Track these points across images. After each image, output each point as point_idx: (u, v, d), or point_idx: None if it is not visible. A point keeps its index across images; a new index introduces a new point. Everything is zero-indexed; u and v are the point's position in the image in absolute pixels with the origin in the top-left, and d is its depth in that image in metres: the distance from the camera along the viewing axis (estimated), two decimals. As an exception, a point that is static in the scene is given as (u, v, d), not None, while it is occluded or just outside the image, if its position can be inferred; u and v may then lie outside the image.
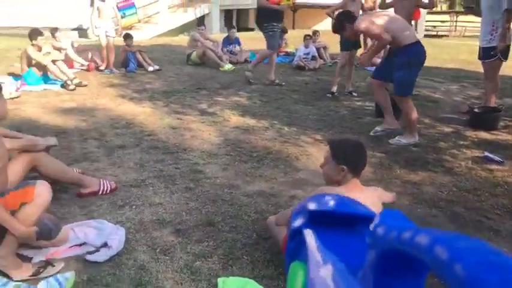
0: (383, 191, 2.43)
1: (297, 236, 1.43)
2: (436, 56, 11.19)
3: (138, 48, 8.33)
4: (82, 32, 14.43)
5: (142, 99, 6.15)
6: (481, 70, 5.80)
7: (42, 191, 2.26)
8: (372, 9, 7.71)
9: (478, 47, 5.60)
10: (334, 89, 6.63)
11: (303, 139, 4.70)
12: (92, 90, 6.58)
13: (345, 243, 1.28)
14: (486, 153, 4.27)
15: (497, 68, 5.40)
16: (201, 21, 17.72)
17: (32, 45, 6.63)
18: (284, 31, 10.77)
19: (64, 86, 6.60)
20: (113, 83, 7.15)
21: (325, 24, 16.43)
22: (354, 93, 6.73)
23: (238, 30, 16.42)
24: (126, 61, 8.08)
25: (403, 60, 4.35)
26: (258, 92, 6.76)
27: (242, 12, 20.92)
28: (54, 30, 8.02)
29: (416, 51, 4.39)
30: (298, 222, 1.47)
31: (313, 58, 9.09)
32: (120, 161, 3.94)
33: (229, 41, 9.57)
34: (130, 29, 13.70)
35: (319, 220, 1.38)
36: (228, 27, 11.35)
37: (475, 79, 7.91)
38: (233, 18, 20.85)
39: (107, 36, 7.82)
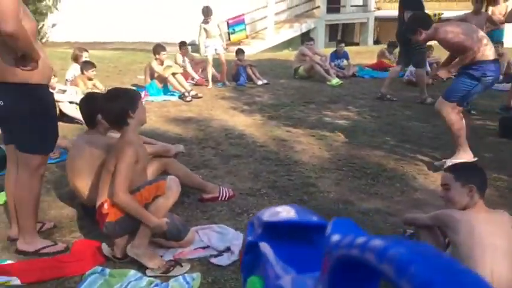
0: (509, 216, 2.27)
1: (252, 249, 1.38)
2: None
3: (249, 63, 8.62)
4: (195, 47, 15.31)
5: (253, 112, 6.34)
6: None
7: (172, 185, 2.45)
8: (502, 23, 7.20)
9: None
10: None
11: (419, 157, 4.50)
12: (207, 102, 6.93)
13: (300, 253, 1.23)
14: None
15: None
16: (306, 36, 18.00)
17: (156, 59, 7.18)
18: (395, 46, 10.51)
19: (182, 97, 7.04)
20: (225, 95, 7.47)
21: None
22: (472, 112, 6.31)
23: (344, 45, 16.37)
24: (237, 75, 8.41)
25: (474, 73, 3.99)
26: (367, 107, 6.63)
27: (347, 27, 20.77)
28: (182, 44, 8.61)
29: (493, 69, 4.01)
30: (252, 235, 1.42)
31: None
32: (236, 170, 4.09)
33: (337, 55, 9.54)
34: (239, 44, 14.24)
35: (273, 231, 1.33)
36: (336, 41, 11.30)
37: None
38: (338, 33, 20.78)
39: (217, 53, 8.17)
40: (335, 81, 8.46)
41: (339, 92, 7.71)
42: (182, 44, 8.67)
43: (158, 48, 7.18)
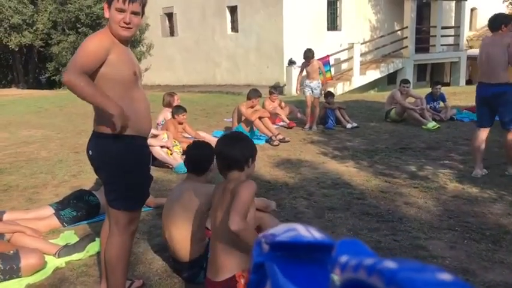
0: None
1: (259, 269, 1.16)
2: None
3: (338, 105, 8.32)
4: (279, 89, 15.39)
5: (345, 158, 5.97)
6: None
7: None
8: None
9: None
10: None
11: (547, 217, 3.85)
12: (295, 146, 6.68)
13: (307, 273, 1.13)
14: None
15: None
16: (393, 77, 17.43)
17: (246, 102, 7.12)
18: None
19: (269, 141, 6.87)
20: (313, 139, 7.19)
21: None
22: None
23: (431, 85, 15.56)
24: (326, 118, 8.12)
25: None
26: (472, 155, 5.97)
27: (436, 67, 19.86)
28: (273, 88, 8.60)
29: None
30: (259, 255, 1.22)
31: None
32: (332, 225, 3.74)
33: (432, 97, 8.93)
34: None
35: (280, 251, 1.10)
36: (431, 82, 10.70)
37: None
38: (427, 73, 19.93)
39: (314, 96, 7.97)
40: (431, 124, 7.87)
41: (437, 137, 7.11)
42: (274, 89, 8.60)
43: (253, 93, 7.14)
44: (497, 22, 5.03)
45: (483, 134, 5.11)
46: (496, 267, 3.02)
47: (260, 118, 7.07)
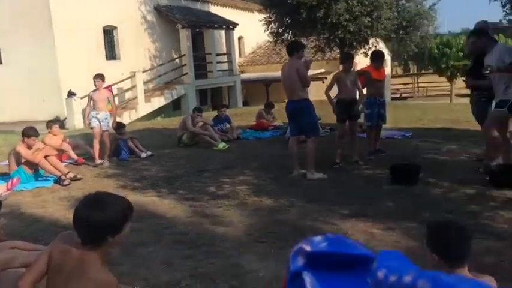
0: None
1: (296, 278, 1.36)
2: (419, 117, 11.45)
3: (129, 135, 8.08)
4: (59, 123, 14.15)
5: (146, 188, 5.80)
6: (471, 127, 5.86)
7: None
8: None
9: (453, 106, 5.73)
10: (338, 159, 6.49)
11: (331, 216, 4.42)
12: (89, 184, 6.19)
13: (344, 285, 1.22)
14: (527, 213, 4.09)
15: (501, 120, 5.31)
16: (178, 102, 17.94)
17: (23, 142, 6.29)
18: (271, 106, 10.89)
19: (58, 181, 6.21)
20: (108, 173, 6.80)
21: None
22: (359, 162, 6.59)
23: (214, 108, 16.58)
24: (118, 150, 7.78)
25: None
26: (262, 169, 6.52)
27: (216, 90, 21.27)
28: (52, 123, 7.68)
29: None
30: (297, 264, 1.43)
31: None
32: (145, 261, 3.55)
33: (219, 119, 9.48)
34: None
35: (318, 262, 1.33)
36: (218, 106, 11.35)
37: (470, 137, 7.96)
38: (208, 97, 21.13)
39: (102, 129, 7.43)
40: (222, 145, 8.33)
41: (230, 157, 7.54)
42: (52, 123, 7.76)
43: (29, 131, 6.28)
44: (291, 49, 6.02)
45: (294, 141, 6.14)
46: (302, 269, 3.29)
47: (45, 157, 6.34)
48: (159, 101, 17.02)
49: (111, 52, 16.76)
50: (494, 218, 4.17)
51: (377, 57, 7.06)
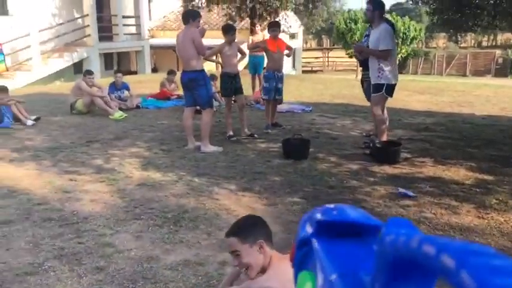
0: None
1: (304, 245, 1.36)
2: (322, 91, 11.77)
3: (15, 100, 7.39)
4: None
5: (25, 160, 5.35)
6: (367, 104, 6.14)
7: None
8: None
9: (355, 82, 5.95)
10: (231, 132, 6.43)
11: (217, 191, 4.38)
12: (-42, 154, 5.59)
13: (352, 253, 1.25)
14: (399, 189, 4.35)
15: (383, 103, 5.60)
16: (79, 66, 16.82)
17: None
18: (174, 73, 10.54)
19: None
20: (-16, 142, 6.19)
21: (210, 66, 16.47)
22: (255, 135, 6.59)
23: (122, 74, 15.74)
24: (0, 116, 7.11)
25: None
26: (157, 140, 6.31)
27: (122, 55, 20.24)
28: None
29: None
30: (306, 231, 1.43)
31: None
32: (7, 242, 3.27)
33: (116, 86, 8.98)
34: (-1, 77, 12.35)
35: (327, 230, 1.34)
36: (114, 71, 10.75)
37: (363, 113, 8.33)
38: (114, 62, 20.08)
39: None
40: (118, 114, 7.93)
41: (125, 127, 7.21)
42: None
43: None
44: (186, 16, 5.76)
45: (189, 112, 5.93)
46: (177, 248, 3.22)
47: None
48: (57, 63, 15.83)
49: (1, 7, 15.17)
50: (370, 194, 4.39)
51: (272, 27, 7.11)
